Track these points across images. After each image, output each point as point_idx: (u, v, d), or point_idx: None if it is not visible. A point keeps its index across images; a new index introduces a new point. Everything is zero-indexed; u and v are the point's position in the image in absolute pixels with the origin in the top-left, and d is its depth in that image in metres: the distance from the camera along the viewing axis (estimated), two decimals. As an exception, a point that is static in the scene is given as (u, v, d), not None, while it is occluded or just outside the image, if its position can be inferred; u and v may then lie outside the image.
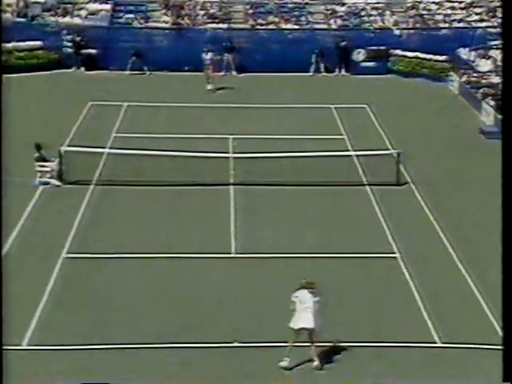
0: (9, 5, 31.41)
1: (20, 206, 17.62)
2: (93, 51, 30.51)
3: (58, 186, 19.02)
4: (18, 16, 31.32)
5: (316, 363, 11.71)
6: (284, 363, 11.61)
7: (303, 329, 11.58)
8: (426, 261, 15.69)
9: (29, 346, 12.43)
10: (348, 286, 14.58)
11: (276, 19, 32.33)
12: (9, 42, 29.47)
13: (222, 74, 29.81)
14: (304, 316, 11.50)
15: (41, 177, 19.15)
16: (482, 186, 18.31)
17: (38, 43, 30.40)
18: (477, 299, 13.98)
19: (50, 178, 19.16)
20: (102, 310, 13.59)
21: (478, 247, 15.73)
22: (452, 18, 32.47)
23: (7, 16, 31.11)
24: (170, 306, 13.74)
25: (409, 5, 33.18)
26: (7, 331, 12.58)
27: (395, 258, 15.75)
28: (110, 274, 14.96)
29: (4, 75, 25.94)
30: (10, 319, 13.18)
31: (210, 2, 32.87)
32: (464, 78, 28.16)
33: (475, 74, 27.83)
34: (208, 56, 28.46)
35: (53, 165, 19.30)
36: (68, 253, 15.62)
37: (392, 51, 31.14)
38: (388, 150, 21.36)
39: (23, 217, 17.17)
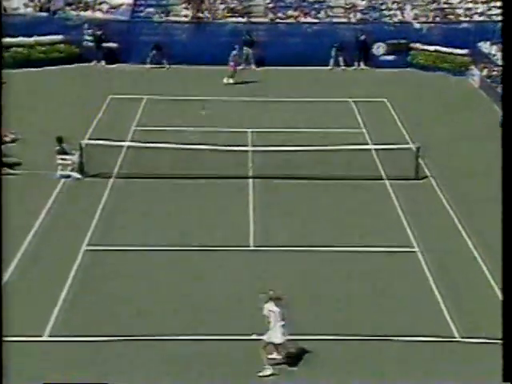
0: (31, -1, 31.61)
1: (41, 198, 17.74)
2: (113, 45, 30.59)
3: (78, 178, 19.11)
4: (40, 10, 31.46)
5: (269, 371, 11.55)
6: (268, 372, 11.50)
7: (278, 343, 11.56)
8: (445, 254, 15.60)
9: (49, 337, 12.51)
10: (367, 279, 14.53)
11: (295, 13, 32.21)
12: (31, 36, 29.71)
13: (241, 67, 29.81)
14: (276, 330, 11.45)
15: (62, 170, 19.25)
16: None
17: (60, 37, 30.53)
18: (496, 293, 13.87)
19: (71, 170, 19.26)
20: (122, 301, 13.65)
21: (498, 241, 15.57)
22: (473, 11, 32.15)
23: (29, 10, 31.31)
24: (189, 298, 13.77)
25: (429, -2, 32.90)
26: (28, 323, 12.71)
27: (414, 251, 15.68)
28: (130, 265, 15.02)
29: (26, 69, 26.10)
30: (31, 311, 13.34)
31: (229, -5, 32.84)
32: (485, 72, 27.90)
33: (496, 68, 27.53)
34: (236, 52, 28.39)
35: (74, 158, 19.40)
36: (88, 245, 15.71)
37: (412, 45, 30.92)
38: (407, 143, 21.23)
39: (44, 209, 17.28)
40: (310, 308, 13.48)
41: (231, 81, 28.15)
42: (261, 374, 11.52)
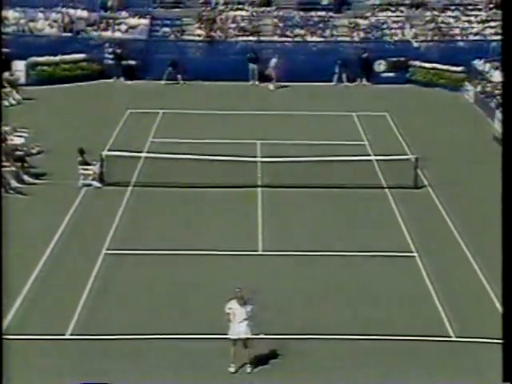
0: (55, 20, 31.82)
1: (65, 205, 17.85)
2: (132, 62, 30.76)
3: (99, 187, 19.22)
4: (64, 31, 31.68)
5: (249, 369, 11.59)
6: (231, 369, 11.56)
7: (239, 339, 11.53)
8: (443, 260, 15.56)
9: (71, 336, 12.55)
10: (368, 283, 14.51)
11: (302, 32, 32.31)
12: (55, 55, 29.94)
13: (250, 83, 30.01)
14: (238, 327, 11.46)
15: (84, 179, 19.37)
16: (496, 189, 18.08)
17: (82, 56, 30.72)
18: (490, 296, 13.83)
19: (92, 180, 19.37)
20: (140, 303, 13.69)
21: (493, 248, 15.52)
22: (468, 31, 32.15)
23: (54, 31, 31.54)
24: (201, 301, 13.77)
25: (427, 18, 32.92)
26: (51, 322, 12.71)
27: (413, 257, 15.65)
28: (147, 269, 15.06)
29: (51, 86, 26.27)
30: (55, 311, 13.37)
31: (240, 15, 32.98)
32: (479, 88, 27.87)
33: (489, 84, 27.52)
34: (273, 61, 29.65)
35: (94, 168, 19.50)
36: (108, 249, 15.77)
37: (411, 62, 30.94)
38: (406, 155, 21.23)
39: (68, 215, 17.37)
40: (314, 309, 13.48)
41: (272, 87, 29.17)
42: (228, 369, 11.52)
